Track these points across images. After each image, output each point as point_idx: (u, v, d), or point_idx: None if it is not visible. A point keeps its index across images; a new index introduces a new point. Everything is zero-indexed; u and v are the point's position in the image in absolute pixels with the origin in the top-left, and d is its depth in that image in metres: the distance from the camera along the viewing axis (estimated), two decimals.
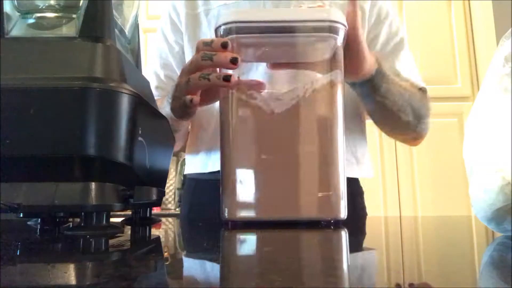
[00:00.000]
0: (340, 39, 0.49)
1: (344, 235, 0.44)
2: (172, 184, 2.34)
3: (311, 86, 0.48)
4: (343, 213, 0.47)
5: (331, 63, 0.49)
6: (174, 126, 0.68)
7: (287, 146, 0.48)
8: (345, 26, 0.49)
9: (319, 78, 0.49)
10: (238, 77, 0.48)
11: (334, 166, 0.47)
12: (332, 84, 0.48)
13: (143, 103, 0.42)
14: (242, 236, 0.44)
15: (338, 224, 0.47)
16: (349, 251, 0.35)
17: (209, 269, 0.25)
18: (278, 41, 0.50)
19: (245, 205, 0.47)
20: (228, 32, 0.48)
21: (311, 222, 0.48)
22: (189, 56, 0.78)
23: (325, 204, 0.47)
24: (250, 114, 0.48)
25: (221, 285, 0.22)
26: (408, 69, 0.81)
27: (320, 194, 0.47)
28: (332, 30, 0.48)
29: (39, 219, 0.45)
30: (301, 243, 0.39)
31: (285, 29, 0.48)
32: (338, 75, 0.49)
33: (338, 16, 0.49)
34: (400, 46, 0.80)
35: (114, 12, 0.44)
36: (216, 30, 0.50)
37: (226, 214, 0.47)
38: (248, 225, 0.48)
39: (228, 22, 0.48)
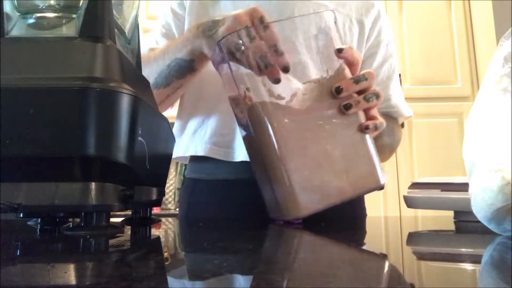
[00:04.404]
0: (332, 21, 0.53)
1: (347, 235, 0.44)
2: (172, 184, 2.34)
3: (327, 75, 0.52)
4: (383, 180, 0.52)
5: (335, 54, 0.52)
6: (182, 70, 0.65)
7: (322, 134, 0.50)
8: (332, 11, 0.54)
9: (332, 65, 0.52)
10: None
11: (365, 141, 0.52)
12: (342, 68, 0.52)
13: (143, 103, 0.42)
14: (252, 236, 0.44)
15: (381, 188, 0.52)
16: (349, 251, 0.35)
17: (209, 269, 0.25)
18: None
19: (304, 199, 0.49)
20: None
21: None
22: None
23: (366, 178, 0.51)
24: (283, 115, 0.50)
25: (221, 285, 0.22)
26: (399, 95, 0.84)
27: (360, 170, 0.51)
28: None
29: (39, 219, 0.45)
30: (303, 243, 0.39)
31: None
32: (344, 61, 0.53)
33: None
34: (395, 70, 0.83)
35: (114, 12, 0.44)
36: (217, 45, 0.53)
37: (287, 214, 0.49)
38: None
39: (224, 36, 0.52)
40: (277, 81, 0.50)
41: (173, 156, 0.79)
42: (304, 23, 0.53)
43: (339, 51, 0.51)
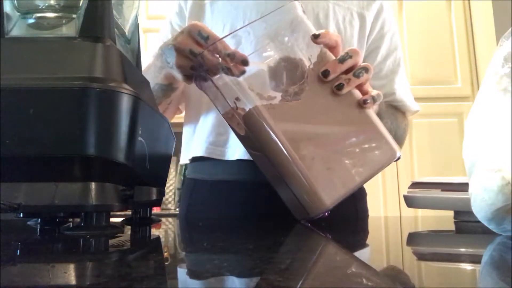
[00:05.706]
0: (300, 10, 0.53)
1: (348, 236, 0.44)
2: (172, 184, 2.34)
3: (310, 63, 0.51)
4: (399, 152, 0.52)
5: (312, 40, 0.52)
6: (165, 92, 0.68)
7: (324, 122, 0.50)
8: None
9: (313, 52, 0.52)
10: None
11: (368, 116, 0.51)
12: (323, 52, 0.52)
13: (143, 103, 0.42)
14: (252, 236, 0.44)
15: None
16: (349, 252, 0.35)
17: (209, 269, 0.25)
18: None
19: (325, 190, 0.47)
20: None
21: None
22: None
23: (381, 152, 0.51)
24: (279, 114, 0.49)
25: (221, 285, 0.22)
26: (404, 89, 0.82)
27: (372, 146, 0.50)
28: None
29: (39, 219, 0.45)
30: (303, 243, 0.39)
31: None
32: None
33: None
34: (400, 63, 0.82)
35: (114, 12, 0.44)
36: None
37: (312, 210, 0.47)
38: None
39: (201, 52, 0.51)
40: (243, 72, 0.50)
41: (183, 162, 0.80)
42: (276, 20, 0.52)
43: (315, 37, 0.51)
